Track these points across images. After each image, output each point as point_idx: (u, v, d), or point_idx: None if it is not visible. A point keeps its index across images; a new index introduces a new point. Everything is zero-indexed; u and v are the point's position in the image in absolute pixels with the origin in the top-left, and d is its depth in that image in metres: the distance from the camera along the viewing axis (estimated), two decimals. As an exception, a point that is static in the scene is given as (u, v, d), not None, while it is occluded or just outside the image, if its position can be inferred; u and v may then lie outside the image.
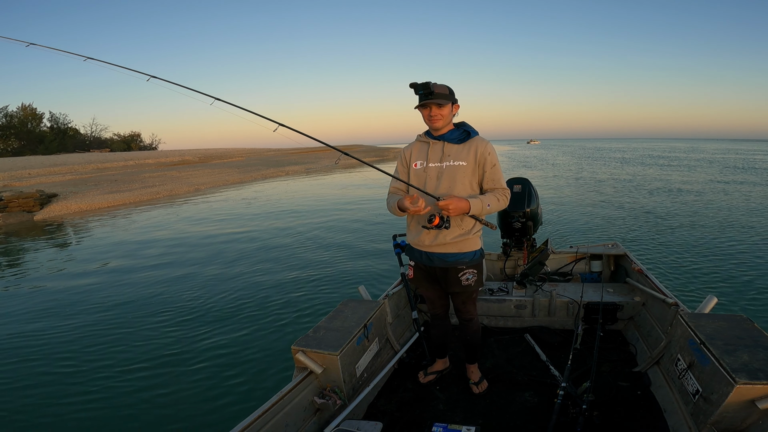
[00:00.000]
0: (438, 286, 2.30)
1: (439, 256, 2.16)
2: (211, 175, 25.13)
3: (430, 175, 2.14)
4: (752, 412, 1.68)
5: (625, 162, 31.76)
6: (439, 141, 2.15)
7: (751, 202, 11.84)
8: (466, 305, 2.32)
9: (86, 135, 72.04)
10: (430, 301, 2.43)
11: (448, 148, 2.13)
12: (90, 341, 4.56)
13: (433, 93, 2.00)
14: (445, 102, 2.04)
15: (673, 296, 2.65)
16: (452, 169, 2.09)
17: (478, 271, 2.21)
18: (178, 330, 4.68)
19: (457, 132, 2.14)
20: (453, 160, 2.10)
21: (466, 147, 2.11)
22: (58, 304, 5.68)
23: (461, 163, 2.09)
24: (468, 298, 2.29)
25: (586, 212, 10.89)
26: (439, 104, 2.04)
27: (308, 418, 2.13)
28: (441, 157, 2.13)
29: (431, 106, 2.05)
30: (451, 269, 2.16)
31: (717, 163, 29.56)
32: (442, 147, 2.14)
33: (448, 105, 2.06)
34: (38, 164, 31.89)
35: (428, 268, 2.23)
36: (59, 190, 17.89)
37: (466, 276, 2.16)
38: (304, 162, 34.66)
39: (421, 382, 2.57)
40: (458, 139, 2.12)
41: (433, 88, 2.00)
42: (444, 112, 2.07)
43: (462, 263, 2.14)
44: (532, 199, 3.46)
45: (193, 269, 7.02)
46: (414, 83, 2.00)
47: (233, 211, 13.04)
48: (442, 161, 2.12)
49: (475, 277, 2.19)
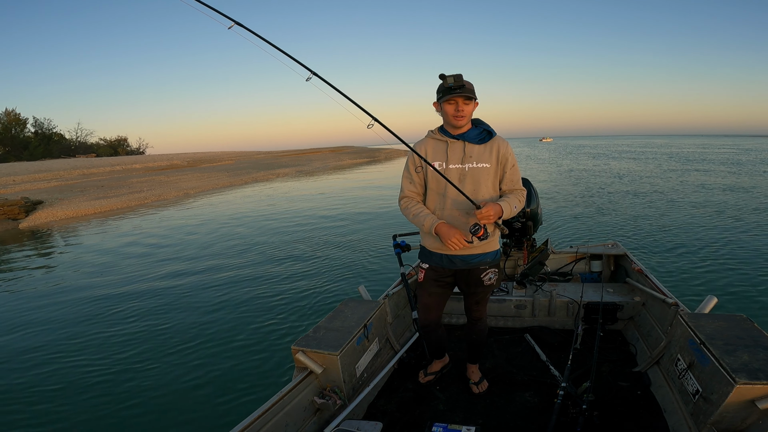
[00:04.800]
0: (445, 290, 2.25)
1: (462, 258, 2.09)
2: (200, 179, 24.89)
3: (451, 177, 1.99)
4: (752, 412, 1.69)
5: (637, 160, 31.56)
6: (458, 140, 2.01)
7: (751, 202, 11.93)
8: (479, 305, 2.28)
9: (72, 140, 71.02)
10: (426, 308, 2.31)
11: (470, 148, 2.00)
12: (89, 341, 4.53)
13: (464, 86, 1.88)
14: (472, 98, 1.93)
15: (673, 296, 2.66)
16: (476, 172, 1.99)
17: (499, 270, 2.21)
18: (177, 331, 4.65)
19: (476, 131, 2.02)
20: (476, 162, 2.00)
21: (488, 147, 2.01)
22: (48, 312, 5.56)
23: (485, 165, 2.00)
24: (483, 298, 2.26)
25: (586, 212, 10.96)
26: (467, 100, 1.92)
27: (308, 418, 2.12)
28: (462, 158, 2.00)
29: (458, 101, 1.91)
30: (474, 270, 2.12)
31: (723, 161, 28.89)
32: (463, 147, 2.00)
33: (473, 102, 1.96)
34: (23, 171, 31.34)
35: (445, 270, 2.15)
36: (45, 196, 17.58)
37: (489, 276, 2.14)
38: (296, 165, 34.60)
39: (421, 382, 2.54)
40: (479, 139, 2.01)
41: (464, 81, 1.88)
42: (470, 109, 1.96)
43: (485, 263, 2.11)
44: (532, 199, 3.47)
45: (190, 271, 6.96)
46: (443, 74, 1.87)
47: (227, 213, 12.94)
48: (464, 162, 2.00)
49: (496, 276, 2.18)
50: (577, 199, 13.21)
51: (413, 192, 2.12)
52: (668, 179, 18.30)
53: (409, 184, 2.12)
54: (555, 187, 16.55)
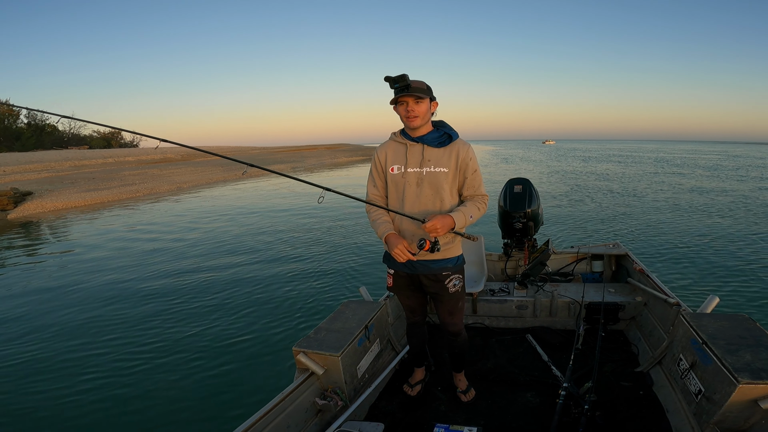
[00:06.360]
0: (419, 293, 2.21)
1: (422, 263, 2.04)
2: (194, 173, 24.73)
3: (409, 181, 1.98)
4: (755, 411, 1.69)
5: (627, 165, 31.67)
6: (417, 143, 1.98)
7: (752, 202, 12.02)
8: (453, 317, 2.17)
9: (65, 132, 70.24)
10: (410, 309, 2.31)
11: (429, 152, 1.97)
12: (87, 342, 4.46)
13: (410, 86, 1.83)
14: (423, 97, 1.87)
15: (675, 296, 2.66)
16: (433, 176, 1.96)
17: (463, 276, 2.14)
18: (177, 332, 4.60)
19: (437, 134, 1.99)
20: (434, 166, 1.96)
21: (447, 151, 1.97)
22: (33, 308, 5.48)
23: (443, 170, 1.96)
24: (455, 308, 2.16)
25: (587, 212, 11.00)
26: (417, 99, 1.87)
27: (310, 420, 2.11)
28: (421, 162, 1.97)
29: (407, 101, 1.87)
30: (437, 275, 2.07)
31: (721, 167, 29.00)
32: (422, 150, 1.97)
33: (425, 101, 1.89)
34: (14, 161, 30.96)
35: (409, 275, 2.12)
36: (34, 188, 17.38)
37: (453, 282, 2.08)
38: (291, 161, 34.48)
39: (411, 395, 2.45)
40: (439, 143, 1.97)
41: (409, 81, 1.83)
42: (422, 109, 1.89)
43: (446, 269, 2.06)
44: (533, 200, 3.46)
45: (188, 270, 6.87)
46: (389, 76, 1.82)
47: (223, 210, 12.90)
48: (422, 166, 1.96)
49: (461, 282, 2.12)
50: (576, 199, 13.30)
51: (376, 195, 2.11)
52: (669, 180, 18.45)
53: (373, 187, 2.12)
54: (555, 186, 16.65)
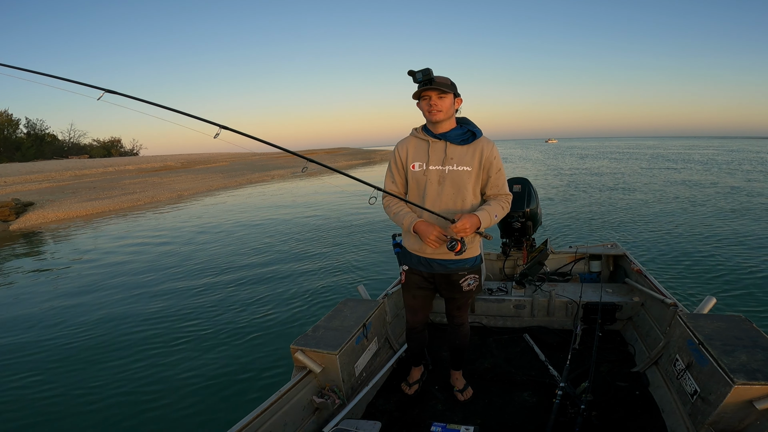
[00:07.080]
0: (427, 292, 2.20)
1: (440, 262, 2.05)
2: (194, 180, 24.76)
3: (430, 179, 1.94)
4: (750, 412, 1.68)
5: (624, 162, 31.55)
6: (440, 140, 1.94)
7: (752, 202, 11.98)
8: (460, 310, 2.23)
9: (64, 141, 70.53)
10: (413, 310, 2.27)
11: (451, 149, 1.93)
12: (86, 342, 4.50)
13: (433, 80, 1.81)
14: (446, 92, 1.84)
15: (672, 297, 2.66)
16: (456, 175, 1.92)
17: (479, 275, 2.15)
18: (174, 330, 4.62)
19: (460, 131, 1.94)
20: (457, 165, 1.92)
21: (471, 149, 1.93)
22: (44, 316, 5.47)
23: (466, 169, 1.92)
24: (464, 304, 2.21)
25: (587, 212, 11.00)
26: (440, 94, 1.84)
27: (307, 418, 2.10)
28: (443, 160, 1.93)
29: (430, 96, 1.85)
30: (452, 275, 2.07)
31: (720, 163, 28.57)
32: (444, 147, 1.94)
33: (449, 96, 1.86)
34: (14, 172, 31.04)
35: (425, 273, 2.12)
36: (36, 198, 17.39)
37: (468, 281, 2.09)
38: (291, 166, 34.50)
39: (408, 394, 2.44)
40: (462, 140, 1.93)
41: (432, 75, 1.81)
42: (445, 104, 1.86)
43: (464, 269, 2.06)
44: (531, 199, 3.47)
45: (187, 270, 6.94)
46: (412, 70, 1.81)
47: (222, 215, 12.88)
48: (445, 164, 1.93)
49: (476, 282, 2.12)
50: (576, 199, 13.29)
51: (394, 191, 2.08)
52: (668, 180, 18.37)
53: (391, 183, 2.09)
54: (555, 187, 16.64)
